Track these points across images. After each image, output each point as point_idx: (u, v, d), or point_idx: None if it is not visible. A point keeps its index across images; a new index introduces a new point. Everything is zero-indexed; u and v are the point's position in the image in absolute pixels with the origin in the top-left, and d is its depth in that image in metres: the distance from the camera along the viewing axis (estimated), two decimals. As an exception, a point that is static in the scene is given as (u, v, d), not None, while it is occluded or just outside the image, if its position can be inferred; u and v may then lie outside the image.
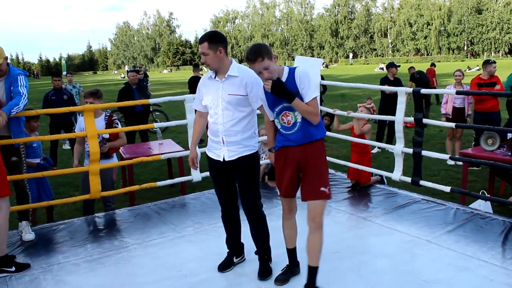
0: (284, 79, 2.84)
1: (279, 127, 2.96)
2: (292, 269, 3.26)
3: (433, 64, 15.42)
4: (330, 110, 5.63)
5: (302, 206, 3.08)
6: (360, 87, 6.21)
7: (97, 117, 4.53)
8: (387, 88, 6.53)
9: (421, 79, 11.57)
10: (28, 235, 4.11)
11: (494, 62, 6.83)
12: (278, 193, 3.10)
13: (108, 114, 4.68)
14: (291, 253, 3.25)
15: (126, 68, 71.54)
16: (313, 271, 2.98)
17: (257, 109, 3.13)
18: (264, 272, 3.26)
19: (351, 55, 74.89)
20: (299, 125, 2.86)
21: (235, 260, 3.43)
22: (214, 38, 2.96)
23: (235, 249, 3.44)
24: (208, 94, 3.09)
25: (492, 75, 6.68)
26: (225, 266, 3.37)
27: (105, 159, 4.63)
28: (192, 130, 3.44)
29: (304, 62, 5.93)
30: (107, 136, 4.62)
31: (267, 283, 3.18)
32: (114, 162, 4.76)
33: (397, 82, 8.23)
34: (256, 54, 2.74)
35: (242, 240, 3.48)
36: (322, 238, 2.96)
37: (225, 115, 3.03)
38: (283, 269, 3.26)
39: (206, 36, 2.99)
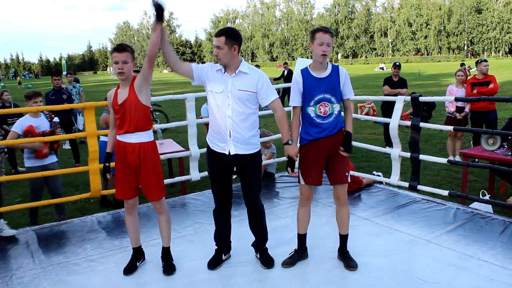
0: (327, 73, 3.13)
1: (312, 115, 3.14)
2: (300, 253, 3.44)
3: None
4: None
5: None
6: (366, 99, 6.14)
7: (38, 117, 4.62)
8: (393, 91, 6.51)
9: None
10: (11, 231, 4.14)
11: (485, 60, 6.86)
12: (302, 182, 3.27)
13: (46, 113, 4.77)
14: (302, 238, 3.44)
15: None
16: (344, 238, 3.40)
17: (269, 105, 3.15)
18: (269, 261, 3.39)
19: (339, 55, 74.87)
20: (334, 116, 3.16)
21: (223, 257, 3.48)
22: (232, 35, 3.00)
23: (224, 246, 3.49)
24: (219, 83, 3.09)
25: (485, 73, 6.71)
26: (215, 263, 3.41)
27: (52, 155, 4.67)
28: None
29: (305, 63, 5.92)
30: (57, 120, 4.74)
31: (267, 281, 3.18)
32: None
33: (401, 83, 8.14)
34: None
35: (233, 241, 3.56)
36: (348, 211, 3.39)
37: (234, 110, 3.06)
38: (291, 253, 3.45)
39: (224, 30, 3.01)
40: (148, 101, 3.18)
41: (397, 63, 8.26)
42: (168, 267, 3.35)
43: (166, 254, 3.41)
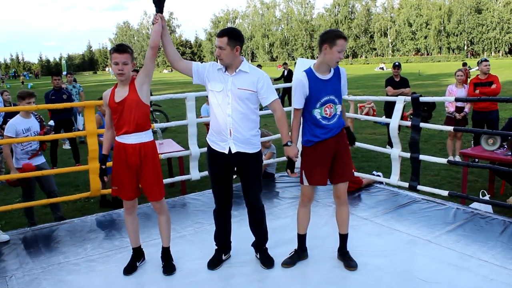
0: (331, 75, 3.15)
1: (318, 117, 3.14)
2: (300, 253, 3.45)
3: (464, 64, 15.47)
4: None
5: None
6: (366, 99, 6.12)
7: (29, 118, 4.62)
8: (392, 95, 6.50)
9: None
10: (4, 236, 4.08)
11: (486, 60, 6.83)
12: (306, 182, 3.26)
13: (36, 114, 4.82)
14: (302, 238, 3.45)
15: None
16: (344, 238, 3.40)
17: (268, 106, 3.13)
18: (268, 261, 3.39)
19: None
20: (337, 116, 3.20)
21: (223, 257, 3.48)
22: (235, 35, 3.00)
23: (224, 246, 3.49)
24: (219, 82, 3.10)
25: (486, 73, 6.70)
26: (215, 263, 3.41)
27: (37, 156, 4.69)
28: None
29: (305, 64, 5.92)
30: (52, 123, 4.79)
31: (267, 281, 3.18)
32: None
33: (403, 83, 8.05)
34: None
35: (233, 241, 3.56)
36: (348, 210, 3.40)
37: (234, 108, 3.06)
38: (291, 253, 3.45)
39: (227, 31, 3.02)
40: (148, 100, 3.17)
41: (397, 63, 8.20)
42: (168, 267, 3.35)
43: (166, 254, 3.41)
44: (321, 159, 3.19)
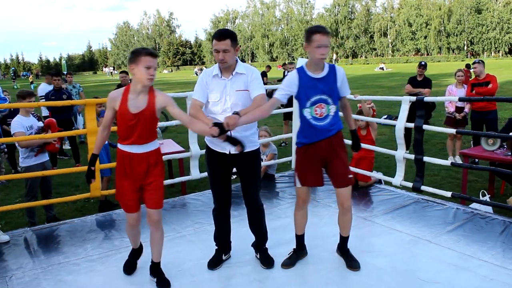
0: (324, 73, 3.05)
1: (308, 117, 3.08)
2: (298, 253, 3.45)
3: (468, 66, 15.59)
4: None
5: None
6: (366, 98, 6.03)
7: (29, 117, 4.72)
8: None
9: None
10: (4, 236, 4.06)
11: (478, 62, 6.81)
12: (299, 184, 3.24)
13: (34, 113, 4.96)
14: (300, 238, 3.45)
15: (108, 69, 72.56)
16: (345, 239, 3.41)
17: (254, 98, 3.05)
18: (268, 261, 3.39)
19: (338, 55, 74.63)
20: (330, 117, 3.08)
21: (223, 257, 3.48)
22: (234, 36, 3.00)
23: (224, 246, 3.49)
24: (215, 91, 3.09)
25: (479, 74, 6.70)
26: (215, 263, 3.41)
27: (42, 153, 4.71)
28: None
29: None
30: (42, 124, 4.83)
31: (267, 281, 3.18)
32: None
33: (424, 83, 7.77)
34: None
35: (233, 241, 3.56)
36: (351, 216, 3.33)
37: (232, 110, 3.04)
38: (290, 253, 3.44)
39: (227, 33, 2.98)
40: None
41: (423, 63, 7.84)
42: (163, 283, 3.16)
43: (157, 269, 3.22)
44: (313, 161, 3.16)
